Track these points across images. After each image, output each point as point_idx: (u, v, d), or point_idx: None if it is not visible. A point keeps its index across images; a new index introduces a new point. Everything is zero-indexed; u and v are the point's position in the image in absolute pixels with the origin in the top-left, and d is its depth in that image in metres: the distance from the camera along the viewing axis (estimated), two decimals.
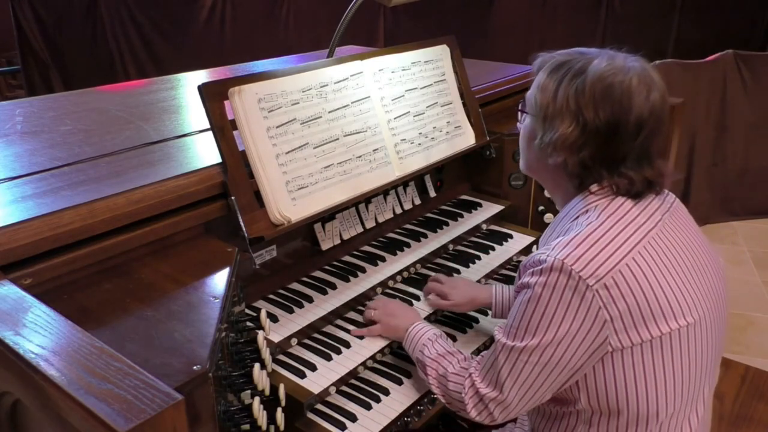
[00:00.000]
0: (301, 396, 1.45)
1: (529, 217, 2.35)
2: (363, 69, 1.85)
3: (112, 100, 2.23)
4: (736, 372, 2.03)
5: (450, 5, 6.17)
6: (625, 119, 1.22)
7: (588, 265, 1.16)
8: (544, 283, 1.18)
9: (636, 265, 1.19)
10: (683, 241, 1.29)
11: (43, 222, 1.23)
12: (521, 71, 2.60)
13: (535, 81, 1.35)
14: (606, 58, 1.26)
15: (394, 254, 1.92)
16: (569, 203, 1.34)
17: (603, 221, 1.23)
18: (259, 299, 1.69)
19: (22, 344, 0.91)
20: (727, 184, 4.53)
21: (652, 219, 1.26)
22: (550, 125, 1.27)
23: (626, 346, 1.19)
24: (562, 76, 1.27)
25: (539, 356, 1.21)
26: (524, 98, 1.41)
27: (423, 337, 1.53)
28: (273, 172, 1.56)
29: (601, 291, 1.16)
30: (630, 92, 1.22)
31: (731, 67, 4.28)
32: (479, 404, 1.33)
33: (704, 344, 1.26)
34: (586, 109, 1.22)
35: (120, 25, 5.99)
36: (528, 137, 1.39)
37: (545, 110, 1.28)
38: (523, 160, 1.46)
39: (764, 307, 3.58)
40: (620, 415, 1.25)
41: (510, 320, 1.27)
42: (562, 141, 1.25)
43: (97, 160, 1.59)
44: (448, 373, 1.41)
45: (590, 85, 1.22)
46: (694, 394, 1.29)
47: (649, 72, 1.26)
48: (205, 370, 1.00)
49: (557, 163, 1.30)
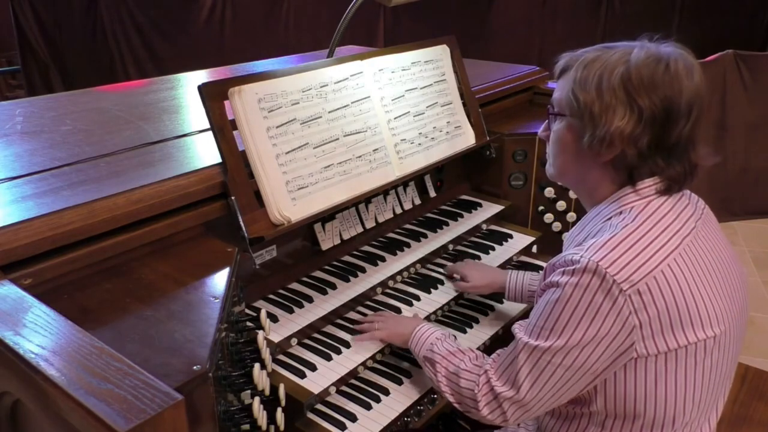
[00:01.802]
0: (301, 396, 1.45)
1: (529, 217, 2.35)
2: (363, 69, 1.85)
3: (112, 100, 2.23)
4: (736, 372, 2.01)
5: (450, 5, 6.17)
6: (677, 102, 1.18)
7: (623, 269, 1.13)
8: (576, 284, 1.15)
9: (671, 271, 1.16)
10: (714, 249, 1.26)
11: (43, 222, 1.23)
12: (521, 71, 2.60)
13: (565, 81, 1.29)
14: (642, 47, 1.23)
15: (394, 254, 1.92)
16: (602, 203, 1.30)
17: (640, 224, 1.19)
18: (259, 299, 1.69)
19: (22, 344, 0.91)
20: (727, 184, 4.53)
21: (687, 225, 1.23)
22: (601, 120, 1.21)
23: (652, 354, 1.17)
24: (601, 70, 1.22)
25: (562, 358, 1.18)
26: (552, 103, 1.34)
27: (431, 336, 1.51)
28: (273, 172, 1.56)
29: (634, 296, 1.13)
30: (677, 75, 1.19)
31: (731, 67, 4.28)
32: (493, 402, 1.30)
33: (726, 355, 1.25)
34: (639, 97, 1.18)
35: (120, 25, 5.99)
36: (565, 140, 1.31)
37: (591, 107, 1.21)
38: (555, 166, 1.38)
39: (764, 307, 3.58)
40: (635, 421, 1.24)
41: (534, 319, 1.24)
42: (620, 133, 1.20)
43: (97, 160, 1.59)
44: (460, 369, 1.38)
45: (636, 73, 1.18)
46: (711, 403, 1.28)
47: (687, 55, 1.23)
48: (205, 370, 1.00)
49: (610, 158, 1.24)
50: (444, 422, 1.86)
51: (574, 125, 1.28)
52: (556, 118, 1.33)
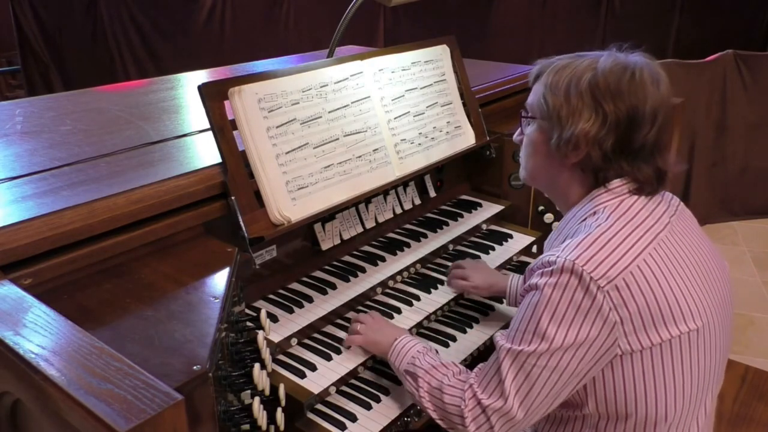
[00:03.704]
0: (301, 396, 1.45)
1: (529, 217, 2.35)
2: (363, 69, 1.85)
3: (112, 100, 2.23)
4: (736, 372, 2.03)
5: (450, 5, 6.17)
6: (642, 109, 1.24)
7: (599, 266, 1.16)
8: (555, 284, 1.17)
9: (647, 266, 1.18)
10: (690, 244, 1.28)
11: (43, 222, 1.23)
12: (521, 71, 2.60)
13: (538, 86, 1.35)
14: (610, 56, 1.28)
15: (394, 254, 1.92)
16: (576, 206, 1.34)
17: (612, 223, 1.23)
18: (259, 299, 1.69)
19: (22, 344, 0.91)
20: (727, 184, 4.53)
21: (660, 221, 1.26)
22: (567, 122, 1.27)
23: (635, 350, 1.18)
24: (570, 75, 1.28)
25: (547, 360, 1.18)
26: (525, 107, 1.40)
27: (412, 349, 1.47)
28: (273, 172, 1.56)
29: (612, 292, 1.15)
30: (643, 83, 1.25)
31: (731, 67, 4.28)
32: (480, 417, 1.27)
33: (711, 348, 1.26)
34: (604, 102, 1.24)
35: (120, 25, 5.99)
36: (536, 143, 1.37)
37: (559, 110, 1.28)
38: (527, 169, 1.44)
39: (764, 307, 3.58)
40: (627, 420, 1.25)
41: (515, 324, 1.24)
42: (584, 135, 1.25)
43: (97, 160, 1.59)
44: (443, 385, 1.35)
45: (603, 79, 1.24)
46: (700, 398, 1.28)
47: (653, 65, 1.29)
48: (205, 370, 1.00)
49: (577, 160, 1.30)
50: None
51: (543, 128, 1.34)
52: (528, 121, 1.40)
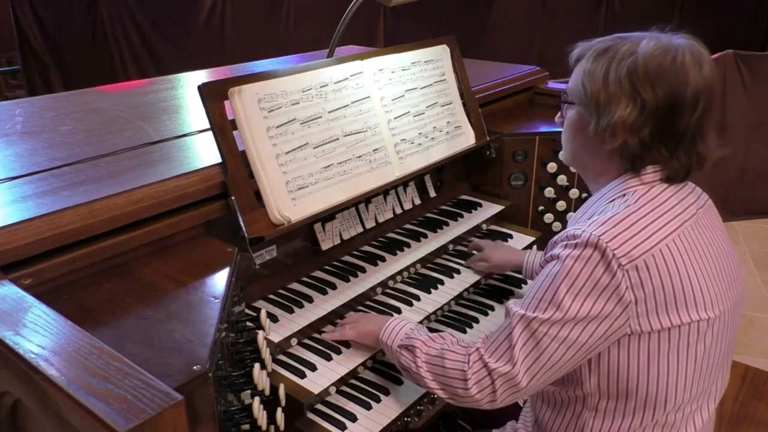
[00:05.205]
0: (301, 396, 1.45)
1: (529, 217, 2.35)
2: (363, 69, 1.85)
3: (112, 100, 2.23)
4: (736, 372, 2.03)
5: (450, 5, 6.18)
6: (682, 94, 1.21)
7: (623, 244, 1.17)
8: (577, 257, 1.18)
9: (669, 251, 1.19)
10: (712, 238, 1.29)
11: (43, 222, 1.23)
12: (521, 71, 2.60)
13: (577, 70, 1.33)
14: (652, 38, 1.25)
15: (394, 254, 1.92)
16: (605, 187, 1.34)
17: (642, 206, 1.23)
18: (259, 299, 1.69)
19: (22, 344, 0.91)
20: (727, 184, 4.53)
21: (687, 211, 1.27)
22: (605, 110, 1.25)
23: (645, 331, 1.19)
24: (609, 60, 1.25)
25: (558, 330, 1.19)
26: (565, 91, 1.39)
27: (405, 327, 1.47)
28: (273, 172, 1.56)
29: (632, 272, 1.16)
30: (684, 67, 1.21)
31: (731, 67, 4.28)
32: (485, 380, 1.27)
33: (719, 342, 1.27)
34: (642, 89, 1.22)
35: (120, 25, 5.99)
36: (574, 127, 1.37)
37: (597, 96, 1.26)
38: (567, 151, 1.44)
39: (764, 307, 3.58)
40: (628, 400, 1.25)
41: (532, 292, 1.24)
42: (621, 123, 1.23)
43: (97, 160, 1.59)
44: (444, 350, 1.34)
45: (643, 65, 1.22)
46: (703, 391, 1.29)
47: (697, 47, 1.26)
48: (205, 370, 1.00)
49: (614, 147, 1.29)
50: (444, 422, 1.86)
51: (582, 113, 1.33)
52: (566, 105, 1.39)
